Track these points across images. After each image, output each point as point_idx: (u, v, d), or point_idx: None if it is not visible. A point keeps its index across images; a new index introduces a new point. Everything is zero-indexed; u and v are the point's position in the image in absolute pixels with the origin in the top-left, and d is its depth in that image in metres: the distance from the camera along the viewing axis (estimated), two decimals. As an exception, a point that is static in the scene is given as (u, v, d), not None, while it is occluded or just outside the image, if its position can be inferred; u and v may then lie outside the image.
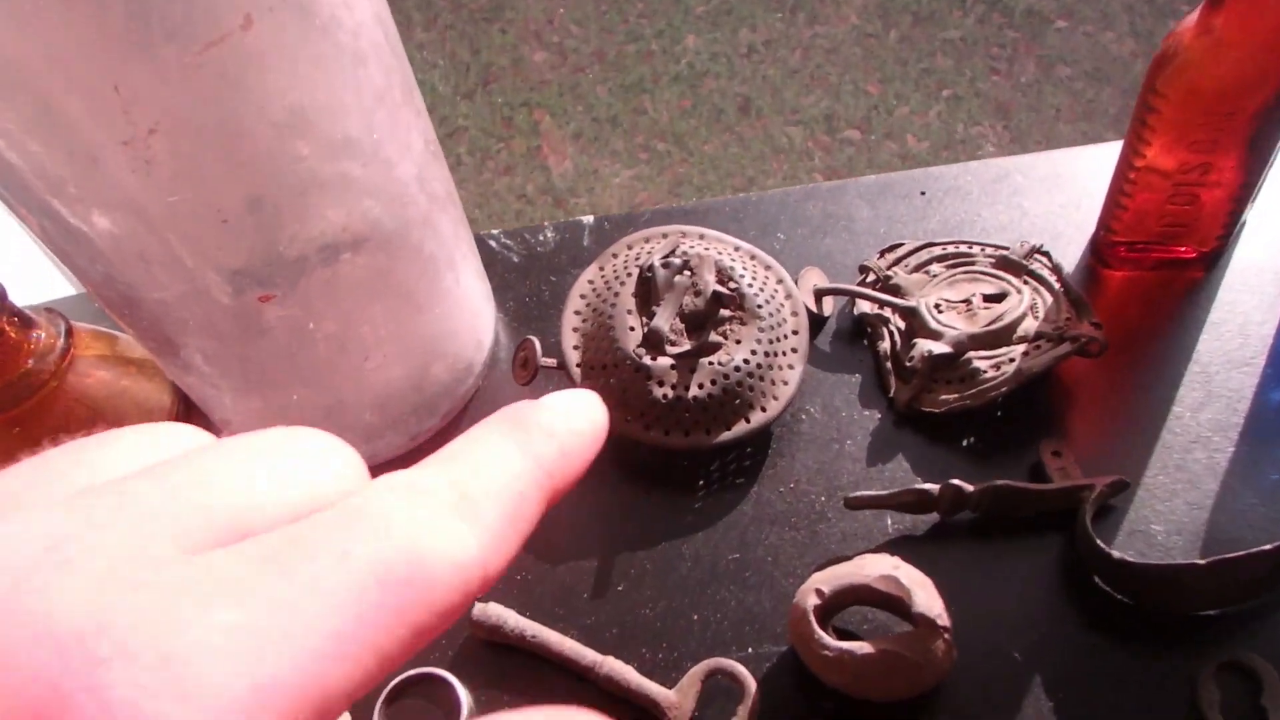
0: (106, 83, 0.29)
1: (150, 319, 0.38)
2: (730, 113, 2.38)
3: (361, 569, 0.12)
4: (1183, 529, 0.39)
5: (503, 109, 2.36)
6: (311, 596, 0.12)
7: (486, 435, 0.16)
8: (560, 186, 2.21)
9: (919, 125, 2.28)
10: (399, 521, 0.13)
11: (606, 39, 2.53)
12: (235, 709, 0.10)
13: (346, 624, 0.12)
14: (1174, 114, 0.40)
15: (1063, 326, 0.42)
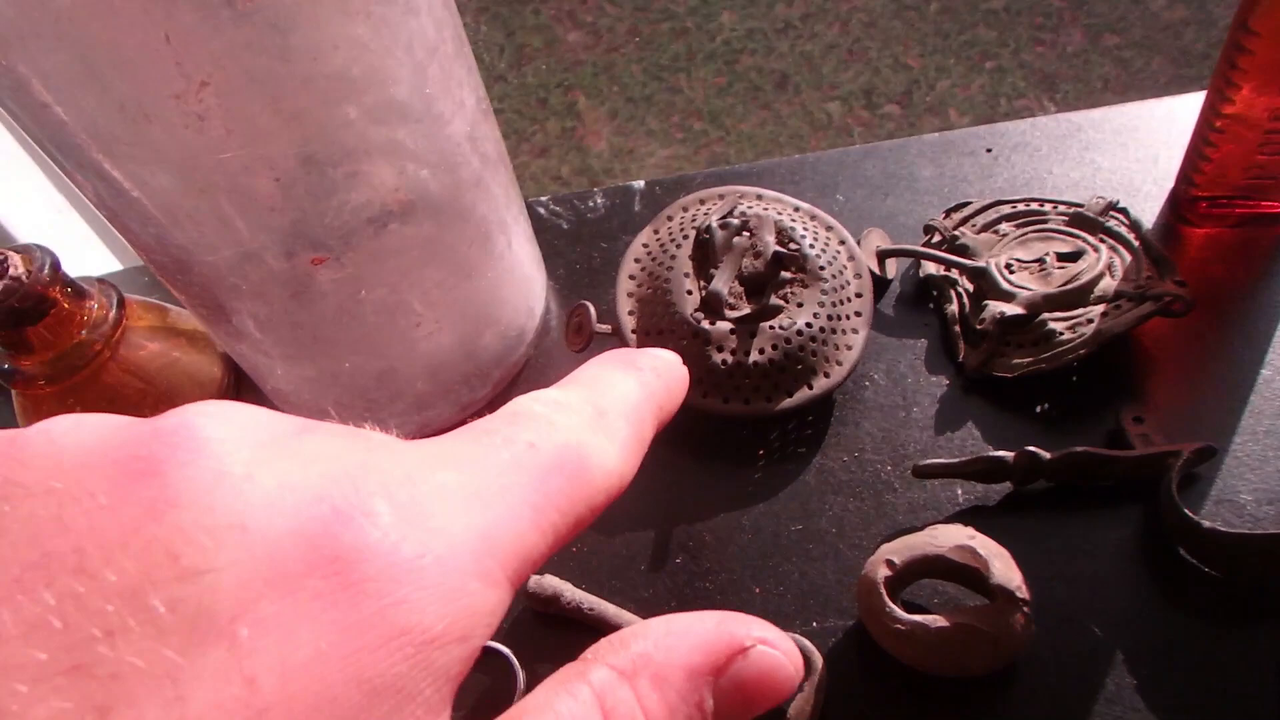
0: (157, 33, 0.28)
1: (202, 283, 0.38)
2: (767, 89, 2.35)
3: (546, 457, 0.15)
4: (1274, 498, 0.37)
5: (537, 90, 2.35)
6: (515, 472, 0.15)
7: (606, 369, 0.18)
8: (596, 167, 2.20)
9: (961, 98, 2.23)
10: (561, 426, 0.16)
11: (641, 17, 2.51)
12: (466, 546, 0.13)
13: (538, 498, 0.15)
14: (1268, 53, 0.37)
15: (1144, 285, 0.40)
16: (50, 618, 0.11)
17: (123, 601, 0.11)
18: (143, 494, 0.12)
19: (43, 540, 0.12)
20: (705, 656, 0.15)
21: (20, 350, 0.45)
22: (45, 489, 0.12)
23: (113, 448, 0.13)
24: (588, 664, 0.15)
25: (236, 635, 0.11)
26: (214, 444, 0.13)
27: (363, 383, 0.43)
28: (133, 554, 0.12)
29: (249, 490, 0.12)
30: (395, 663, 0.12)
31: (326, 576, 0.12)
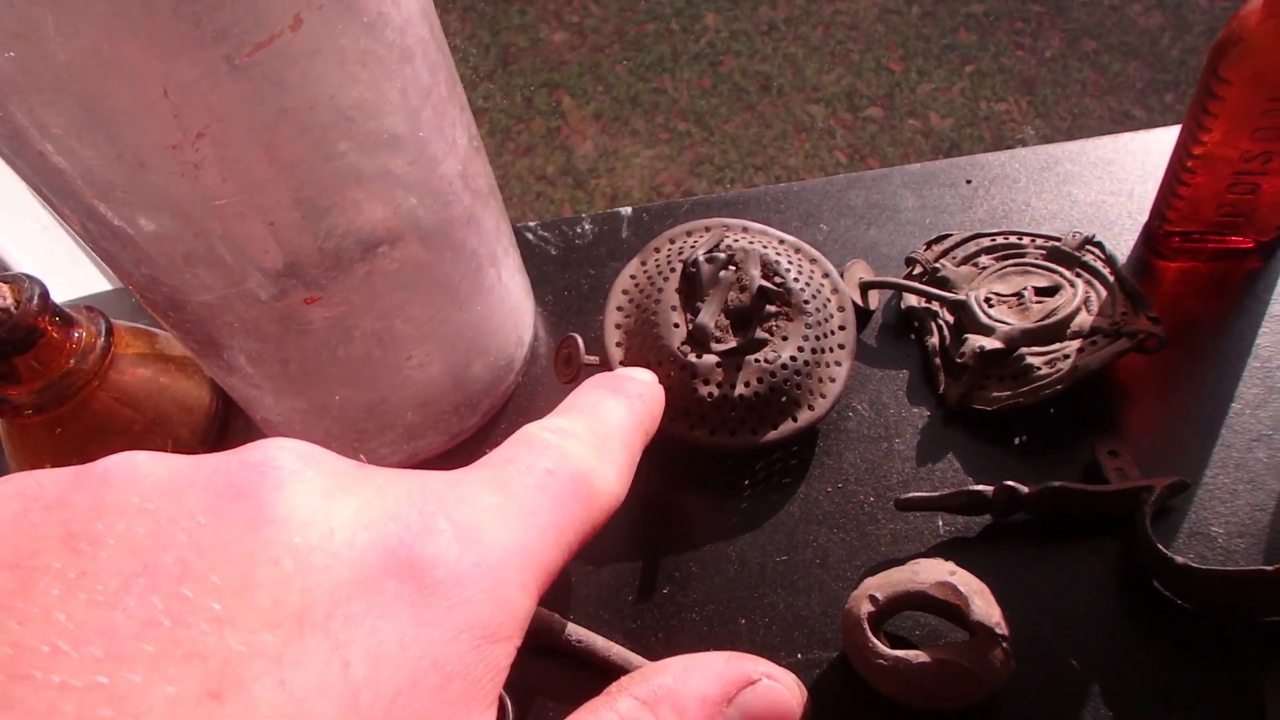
0: (155, 86, 0.28)
1: (194, 320, 0.38)
2: (751, 91, 2.36)
3: (563, 484, 0.18)
4: (1245, 531, 0.38)
5: (523, 90, 2.35)
6: (540, 496, 0.17)
7: (597, 396, 0.20)
8: (581, 167, 2.20)
9: (942, 101, 2.25)
10: (572, 454, 0.18)
11: (626, 18, 2.51)
12: (510, 559, 0.16)
13: (559, 520, 0.17)
14: (1238, 100, 0.38)
15: (1119, 321, 0.41)
16: (159, 617, 0.12)
17: (228, 600, 0.13)
18: (240, 513, 0.14)
19: (143, 554, 0.13)
20: (717, 688, 0.17)
21: (8, 380, 0.46)
22: (138, 510, 0.14)
23: (203, 475, 0.15)
24: (613, 695, 0.17)
25: (330, 628, 0.13)
26: (297, 473, 0.15)
27: (353, 414, 0.44)
28: (235, 562, 0.13)
29: (333, 510, 0.15)
30: (463, 652, 0.14)
31: (403, 580, 0.14)
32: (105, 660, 0.12)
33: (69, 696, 0.12)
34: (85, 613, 0.12)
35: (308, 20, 0.29)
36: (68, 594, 0.13)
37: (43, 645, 0.12)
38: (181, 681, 0.12)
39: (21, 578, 0.13)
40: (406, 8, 0.34)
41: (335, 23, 0.30)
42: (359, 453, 0.46)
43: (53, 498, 0.14)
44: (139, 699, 0.12)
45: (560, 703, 0.39)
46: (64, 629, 0.12)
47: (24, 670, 0.12)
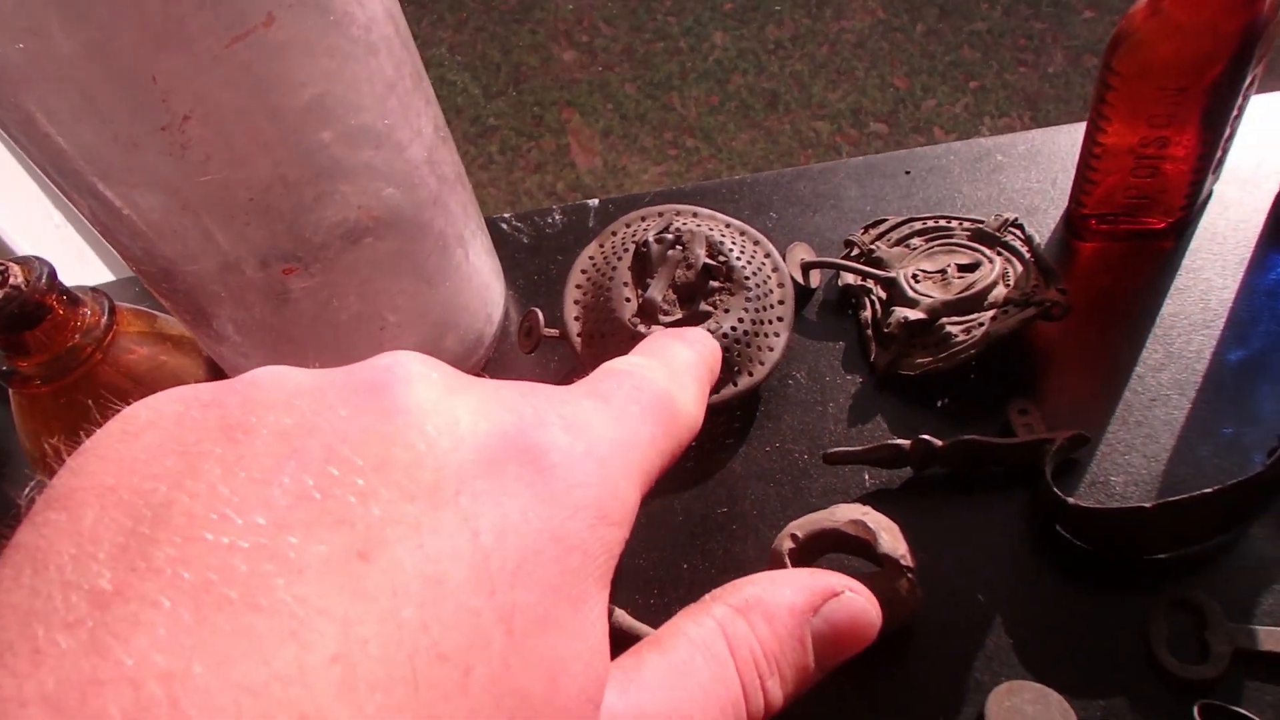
0: (146, 74, 0.32)
1: (185, 291, 0.42)
2: (758, 108, 2.39)
3: (650, 398, 0.19)
4: (1140, 480, 0.42)
5: (533, 108, 2.40)
6: (633, 404, 0.18)
7: (663, 341, 0.22)
8: (590, 183, 2.25)
9: (946, 117, 2.28)
10: (653, 378, 0.19)
11: (635, 37, 2.56)
12: (614, 450, 0.17)
13: (647, 433, 0.18)
14: (1130, 91, 0.42)
15: (1030, 293, 0.44)
16: (310, 491, 0.14)
17: (370, 477, 0.14)
18: (375, 405, 0.16)
19: (291, 440, 0.15)
20: (804, 598, 0.19)
21: (18, 353, 0.50)
22: (287, 406, 0.15)
23: (340, 377, 0.16)
24: (707, 604, 0.19)
25: (460, 503, 0.15)
26: (423, 374, 0.17)
27: (333, 381, 0.48)
28: (374, 445, 0.15)
29: (455, 403, 0.16)
30: (580, 529, 0.15)
31: (523, 464, 0.15)
32: (266, 526, 0.13)
33: (237, 554, 0.13)
34: (245, 488, 0.14)
35: (279, 17, 0.34)
36: (228, 473, 0.14)
37: (211, 514, 0.13)
38: (333, 543, 0.13)
39: (187, 462, 0.14)
40: (371, 8, 0.38)
41: (304, 19, 0.35)
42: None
43: (208, 399, 0.16)
44: (298, 557, 0.13)
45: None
46: (229, 500, 0.14)
47: (197, 534, 0.13)
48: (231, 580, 0.13)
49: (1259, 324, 0.45)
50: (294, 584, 0.13)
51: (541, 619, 0.14)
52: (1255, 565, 0.39)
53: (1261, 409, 0.43)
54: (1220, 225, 0.49)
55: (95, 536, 0.13)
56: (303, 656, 0.12)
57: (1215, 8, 0.39)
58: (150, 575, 0.13)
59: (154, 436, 0.15)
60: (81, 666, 0.12)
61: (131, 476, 0.14)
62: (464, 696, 0.13)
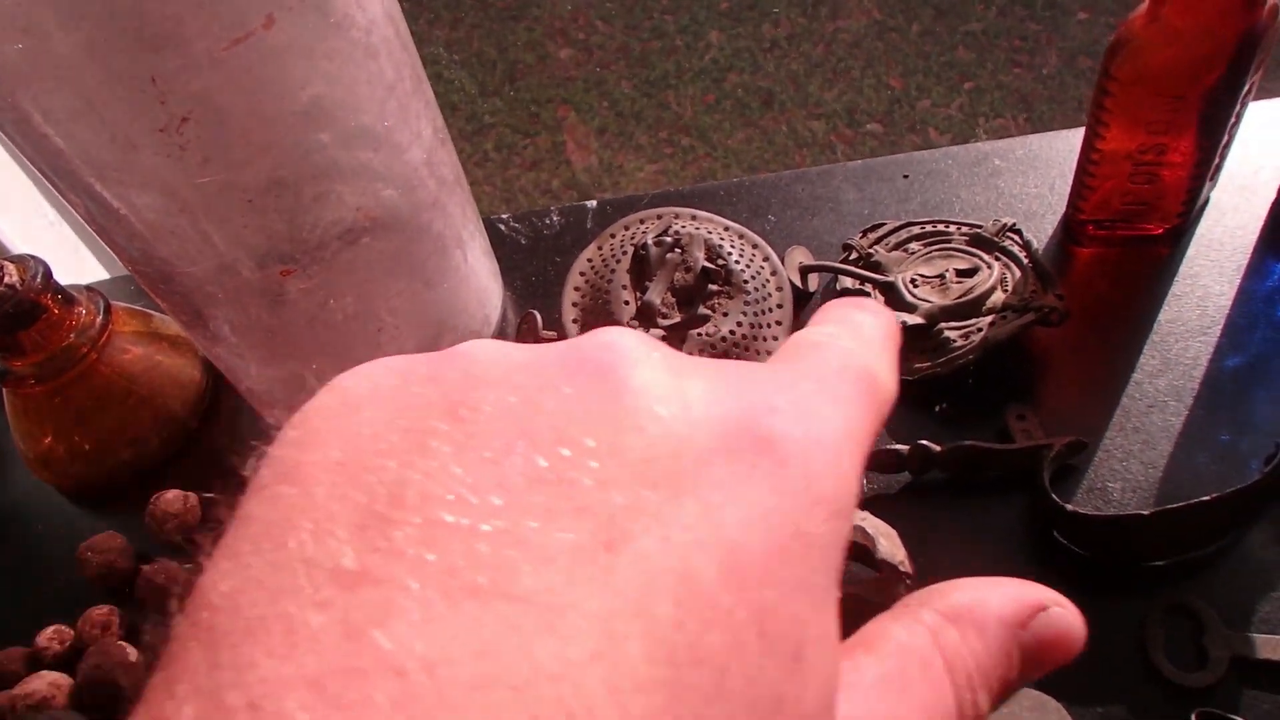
0: (144, 76, 0.32)
1: (182, 292, 0.42)
2: (753, 106, 2.39)
3: (855, 375, 0.18)
4: (1138, 487, 0.42)
5: (529, 105, 2.40)
6: (843, 384, 0.17)
7: (844, 309, 0.20)
8: (585, 181, 2.25)
9: (941, 118, 2.29)
10: (851, 350, 0.18)
11: (631, 35, 2.56)
12: (840, 436, 0.16)
13: (862, 414, 0.17)
14: (1128, 97, 0.42)
15: (1028, 299, 0.45)
16: (545, 474, 0.13)
17: (605, 460, 0.14)
18: (601, 386, 0.15)
19: (519, 419, 0.14)
20: (1014, 610, 0.18)
21: (12, 352, 0.50)
22: (508, 383, 0.15)
23: (559, 353, 0.15)
24: (913, 608, 0.18)
25: (701, 492, 0.14)
26: (645, 354, 0.16)
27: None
28: (605, 426, 0.14)
29: (684, 386, 0.15)
30: (819, 524, 0.14)
31: (759, 452, 0.14)
32: (505, 508, 0.13)
33: (480, 538, 0.12)
34: (478, 468, 0.13)
35: (279, 19, 0.34)
36: (459, 452, 0.13)
37: (448, 494, 0.13)
38: (579, 531, 0.13)
39: (415, 439, 0.14)
40: (371, 10, 0.38)
41: (304, 22, 0.35)
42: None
43: (425, 373, 0.15)
44: (543, 544, 0.12)
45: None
46: (463, 480, 0.13)
47: (435, 515, 0.13)
48: (478, 565, 0.12)
49: (1256, 330, 0.46)
50: (542, 573, 0.12)
51: (790, 620, 0.14)
52: (1253, 572, 0.39)
53: (1258, 415, 0.43)
54: (1217, 232, 0.49)
55: (331, 514, 0.13)
56: (564, 652, 0.12)
57: (1214, 14, 0.39)
58: (394, 557, 0.12)
59: (375, 411, 0.15)
60: (341, 650, 0.11)
61: (359, 452, 0.14)
62: (722, 701, 0.12)
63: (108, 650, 0.45)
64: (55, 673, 0.45)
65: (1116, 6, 2.37)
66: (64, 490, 0.55)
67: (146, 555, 0.50)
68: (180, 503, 0.50)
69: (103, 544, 0.49)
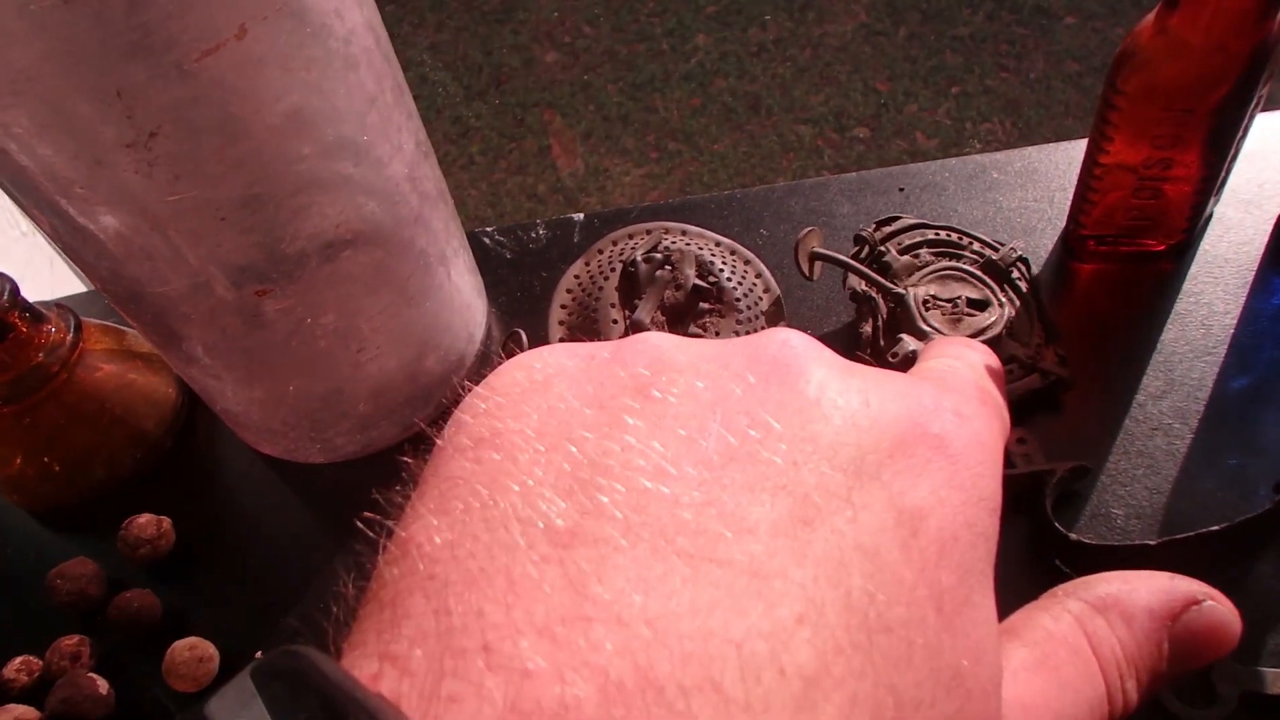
0: (109, 88, 0.31)
1: (154, 312, 0.41)
2: (740, 111, 2.38)
3: (983, 392, 0.19)
4: (1142, 513, 0.41)
5: (515, 109, 2.38)
6: (980, 405, 0.18)
7: (953, 346, 0.21)
8: (571, 185, 2.23)
9: (928, 122, 2.28)
10: (974, 377, 0.19)
11: (617, 38, 2.55)
12: (994, 438, 0.17)
13: (1000, 429, 0.18)
14: (1134, 111, 0.41)
15: (1034, 355, 0.43)
16: (738, 452, 0.14)
17: (793, 444, 0.14)
18: (784, 378, 0.16)
19: (710, 403, 0.15)
20: (1164, 603, 0.18)
21: (-21, 373, 0.48)
22: (695, 369, 0.16)
23: (739, 347, 0.16)
24: (1059, 598, 0.19)
25: (883, 479, 0.15)
26: (818, 354, 0.17)
27: (309, 404, 0.46)
28: (791, 413, 0.15)
29: (857, 384, 0.16)
30: (984, 516, 0.16)
31: (932, 449, 0.16)
32: (705, 482, 0.14)
33: (683, 506, 0.13)
34: (676, 444, 0.14)
35: (252, 29, 0.32)
36: (654, 428, 0.14)
37: (647, 464, 0.14)
38: (776, 506, 0.14)
39: (609, 416, 0.14)
40: (351, 19, 0.36)
41: (279, 31, 0.33)
42: (315, 442, 0.48)
43: (610, 357, 0.16)
44: (743, 517, 0.13)
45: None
46: (663, 454, 0.14)
47: (638, 483, 0.13)
48: (683, 530, 0.13)
49: (1262, 350, 0.44)
50: (745, 542, 0.13)
51: (963, 601, 0.14)
52: (1262, 603, 0.38)
53: (1267, 438, 0.42)
54: (1221, 248, 0.48)
55: (537, 478, 0.14)
56: (773, 613, 0.12)
57: (1225, 28, 0.38)
58: (603, 519, 0.13)
59: (565, 387, 0.15)
60: (565, 600, 0.12)
61: (559, 423, 0.14)
62: (910, 669, 0.13)
63: (77, 682, 0.44)
64: (22, 706, 0.44)
65: (1104, 11, 2.38)
66: (34, 513, 0.53)
67: (120, 581, 0.48)
68: (153, 527, 0.48)
69: (73, 570, 0.47)
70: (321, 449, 0.49)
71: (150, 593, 0.46)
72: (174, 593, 0.47)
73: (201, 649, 0.44)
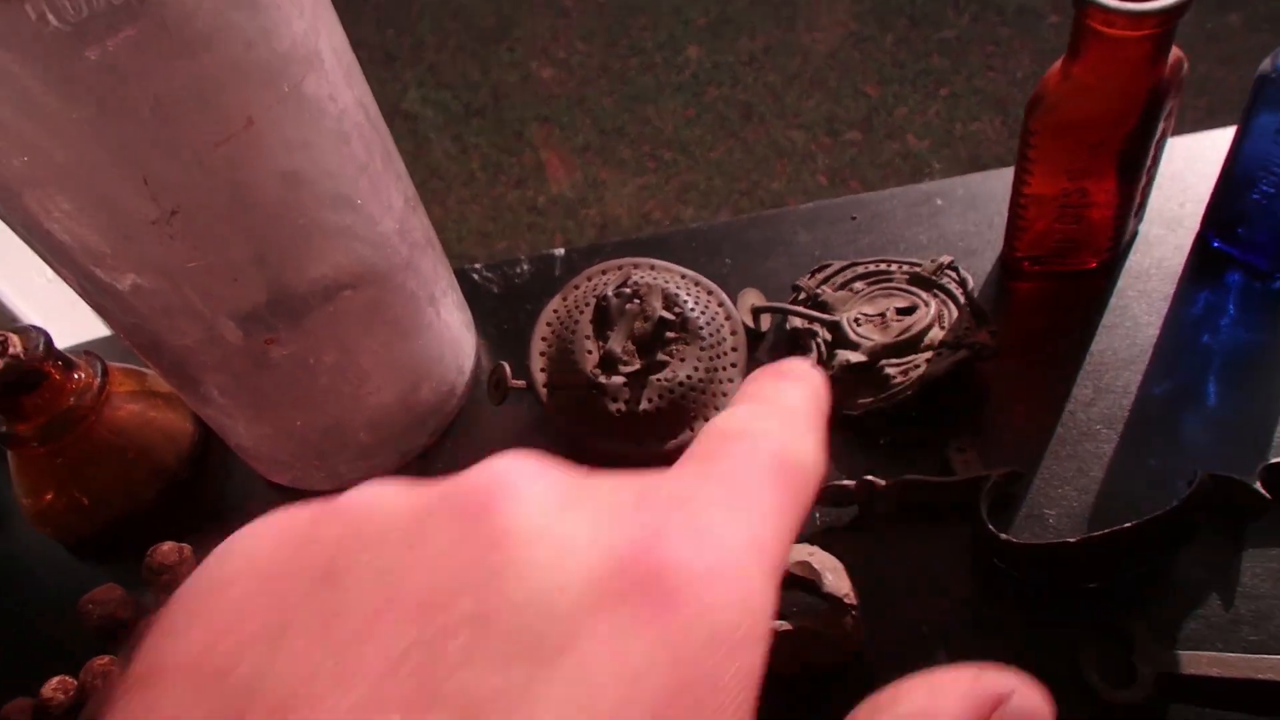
0: (138, 176, 0.35)
1: (173, 359, 0.45)
2: (734, 119, 2.42)
3: (772, 466, 0.17)
4: (1072, 513, 0.45)
5: (513, 124, 2.42)
6: (754, 483, 0.17)
7: (767, 382, 0.20)
8: (571, 197, 2.27)
9: (919, 124, 2.32)
10: (770, 434, 0.18)
11: (611, 52, 2.59)
12: (745, 551, 0.15)
13: (778, 502, 0.17)
14: (1048, 148, 0.45)
15: (962, 335, 0.48)
16: (410, 652, 0.13)
17: (473, 631, 0.13)
18: (481, 532, 0.14)
19: (390, 585, 0.14)
20: (972, 708, 0.17)
21: (15, 417, 0.53)
22: (383, 541, 0.15)
23: (442, 496, 0.15)
24: (871, 714, 0.17)
25: (578, 653, 0.13)
26: (530, 491, 0.15)
27: (313, 437, 0.51)
28: (478, 585, 0.14)
29: (567, 525, 0.15)
30: (719, 662, 0.14)
31: (646, 593, 0.14)
32: (363, 701, 0.12)
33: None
34: (340, 652, 0.13)
35: (258, 120, 0.37)
36: (324, 632, 0.13)
37: (304, 690, 0.13)
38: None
39: (280, 618, 0.14)
40: (343, 100, 0.41)
41: (281, 119, 0.38)
42: (320, 471, 0.53)
43: (305, 534, 0.15)
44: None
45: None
46: (321, 670, 0.13)
47: (297, 709, 0.12)
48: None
49: (1182, 357, 0.49)
50: None
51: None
52: (1179, 592, 0.42)
53: (1185, 439, 0.46)
54: (1145, 264, 0.52)
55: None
56: None
57: (1122, 73, 0.42)
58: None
59: (245, 587, 0.15)
60: None
61: (219, 646, 0.14)
62: None
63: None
64: (63, 720, 0.48)
65: (1086, 9, 2.41)
66: (63, 543, 0.58)
67: (145, 605, 0.52)
68: (175, 554, 0.53)
69: (103, 596, 0.52)
70: (327, 476, 0.53)
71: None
72: (198, 612, 0.52)
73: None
